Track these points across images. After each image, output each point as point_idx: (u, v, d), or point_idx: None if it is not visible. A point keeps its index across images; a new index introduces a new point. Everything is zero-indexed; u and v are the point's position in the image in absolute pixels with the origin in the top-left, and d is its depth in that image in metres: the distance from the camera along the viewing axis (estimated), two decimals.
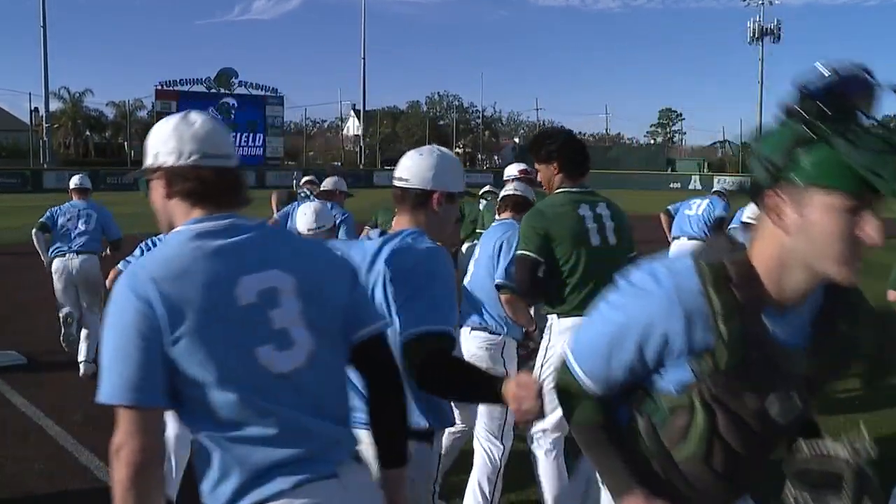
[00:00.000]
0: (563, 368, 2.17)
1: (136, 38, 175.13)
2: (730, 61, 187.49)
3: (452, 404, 3.17)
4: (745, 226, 5.51)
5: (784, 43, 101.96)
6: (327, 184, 9.78)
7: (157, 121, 2.53)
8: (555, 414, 3.08)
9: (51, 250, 8.57)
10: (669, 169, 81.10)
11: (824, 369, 2.07)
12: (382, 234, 2.99)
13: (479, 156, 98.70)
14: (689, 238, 10.49)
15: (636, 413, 2.11)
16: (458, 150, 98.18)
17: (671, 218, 11.25)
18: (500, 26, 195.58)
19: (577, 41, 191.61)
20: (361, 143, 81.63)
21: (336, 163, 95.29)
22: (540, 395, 2.36)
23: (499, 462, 4.85)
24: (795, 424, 2.11)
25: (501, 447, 4.87)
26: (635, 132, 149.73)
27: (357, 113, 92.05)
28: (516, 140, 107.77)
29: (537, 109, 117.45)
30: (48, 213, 8.74)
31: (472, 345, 5.14)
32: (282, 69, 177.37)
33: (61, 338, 8.65)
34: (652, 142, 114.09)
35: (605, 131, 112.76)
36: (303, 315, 2.16)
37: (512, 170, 8.63)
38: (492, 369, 4.89)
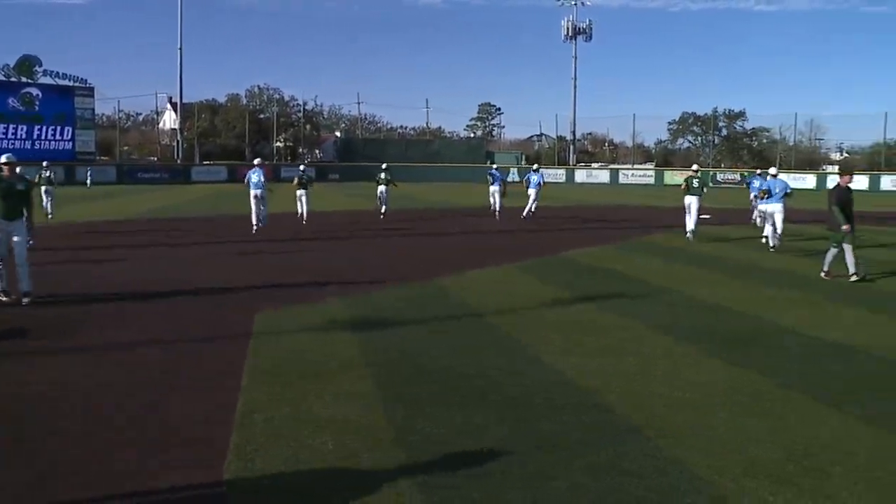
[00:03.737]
0: None
1: None
2: (546, 58, 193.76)
3: None
4: None
5: (595, 42, 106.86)
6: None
7: None
8: None
9: None
10: (489, 162, 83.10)
11: None
12: None
13: (301, 149, 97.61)
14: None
15: None
16: (278, 143, 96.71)
17: None
18: (323, 19, 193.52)
19: (400, 35, 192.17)
20: (179, 138, 78.82)
21: (152, 157, 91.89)
22: None
23: None
24: None
25: None
26: (456, 126, 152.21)
27: (174, 106, 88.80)
28: (338, 134, 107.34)
29: (359, 103, 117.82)
30: None
31: None
32: (92, 58, 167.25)
33: None
34: (472, 135, 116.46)
35: (426, 125, 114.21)
36: None
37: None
38: None
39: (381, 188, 30.07)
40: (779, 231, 20.16)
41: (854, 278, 14.42)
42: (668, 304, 12.13)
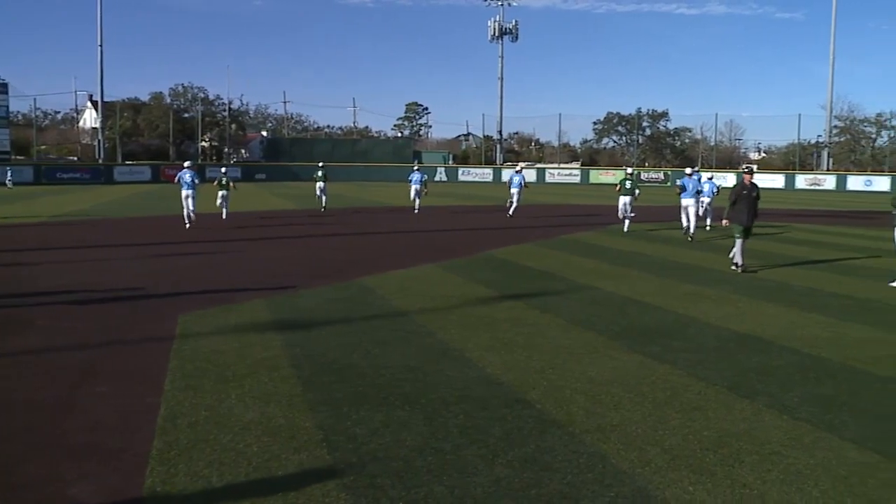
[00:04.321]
0: None
1: None
2: (473, 58, 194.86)
3: None
4: None
5: (522, 42, 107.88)
6: None
7: None
8: None
9: None
10: (416, 161, 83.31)
11: None
12: None
13: (227, 149, 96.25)
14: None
15: None
16: (203, 143, 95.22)
17: None
18: (251, 17, 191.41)
19: (327, 34, 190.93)
20: (100, 137, 76.91)
21: (72, 157, 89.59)
22: None
23: None
24: None
25: None
26: (383, 125, 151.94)
27: (95, 104, 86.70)
28: (264, 133, 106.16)
29: (285, 102, 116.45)
30: None
31: None
32: (6, 53, 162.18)
33: None
34: (399, 135, 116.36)
35: (353, 124, 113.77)
36: None
37: None
38: None
39: (319, 185, 33.64)
40: (697, 222, 23.00)
41: (736, 268, 15.73)
42: (590, 300, 12.33)
